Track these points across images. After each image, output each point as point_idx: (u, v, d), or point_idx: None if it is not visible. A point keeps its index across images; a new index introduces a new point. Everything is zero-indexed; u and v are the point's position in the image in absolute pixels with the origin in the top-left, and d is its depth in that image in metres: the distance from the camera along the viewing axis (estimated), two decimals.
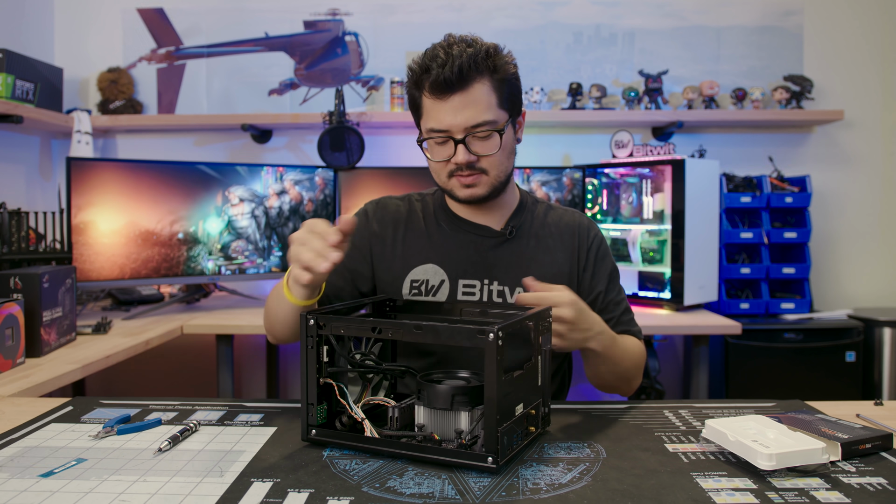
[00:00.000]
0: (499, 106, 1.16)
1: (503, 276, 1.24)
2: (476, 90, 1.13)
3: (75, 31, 2.89)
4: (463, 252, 1.25)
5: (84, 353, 1.63)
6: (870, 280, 2.88)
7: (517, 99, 1.20)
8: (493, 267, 1.24)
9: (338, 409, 0.94)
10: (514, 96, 1.19)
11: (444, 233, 1.27)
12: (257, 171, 2.47)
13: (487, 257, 1.25)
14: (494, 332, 0.79)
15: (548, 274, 1.24)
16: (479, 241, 1.26)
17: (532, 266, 1.25)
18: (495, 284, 1.23)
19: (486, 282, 1.24)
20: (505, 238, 1.26)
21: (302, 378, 0.90)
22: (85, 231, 2.14)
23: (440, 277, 1.23)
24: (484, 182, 1.19)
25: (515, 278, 1.23)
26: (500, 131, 1.16)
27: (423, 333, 0.85)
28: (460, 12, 2.86)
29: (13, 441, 0.93)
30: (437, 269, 1.24)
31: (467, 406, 0.87)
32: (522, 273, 1.21)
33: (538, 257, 1.26)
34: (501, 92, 1.16)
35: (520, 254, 1.26)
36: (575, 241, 1.29)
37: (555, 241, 1.28)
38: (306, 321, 0.89)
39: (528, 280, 1.08)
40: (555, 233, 1.29)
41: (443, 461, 0.84)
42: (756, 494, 0.75)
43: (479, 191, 1.19)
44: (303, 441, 0.91)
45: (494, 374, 0.79)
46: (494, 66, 1.14)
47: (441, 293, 1.23)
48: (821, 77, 2.82)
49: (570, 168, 2.56)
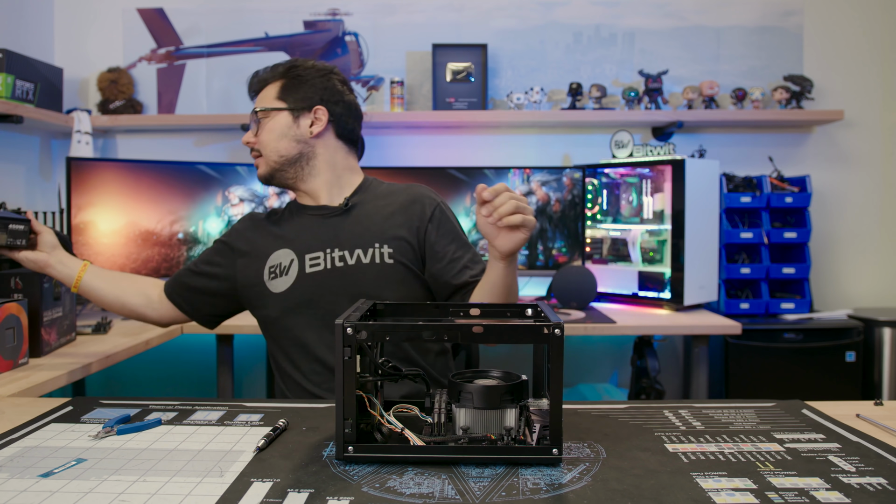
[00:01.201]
0: (276, 97, 1.42)
1: (343, 243, 1.38)
2: (265, 90, 1.45)
3: (75, 31, 2.89)
4: (307, 231, 1.42)
5: (84, 353, 1.63)
6: (870, 280, 2.88)
7: (303, 95, 1.42)
8: (335, 237, 1.39)
9: (364, 421, 0.89)
10: (297, 92, 1.42)
11: (291, 222, 1.46)
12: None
13: (328, 230, 1.41)
14: (560, 328, 0.82)
15: (386, 235, 1.38)
16: (319, 219, 1.43)
17: (371, 230, 1.39)
18: (336, 251, 1.38)
19: (328, 251, 1.38)
20: (342, 210, 1.42)
21: (337, 391, 0.84)
22: (85, 231, 2.14)
23: (290, 258, 1.40)
24: (261, 163, 1.44)
25: (354, 242, 1.38)
26: (258, 112, 1.41)
27: (484, 334, 0.84)
28: (460, 12, 2.86)
29: (13, 441, 0.93)
30: (287, 252, 1.41)
31: (513, 403, 0.87)
32: (361, 236, 1.38)
33: (377, 222, 1.40)
34: (285, 88, 1.42)
35: (358, 222, 1.41)
36: (416, 208, 1.41)
37: (394, 209, 1.42)
38: (343, 330, 0.83)
39: (480, 187, 1.16)
40: (394, 203, 1.43)
41: (508, 459, 0.84)
42: (756, 494, 0.75)
43: (259, 171, 1.45)
44: (336, 460, 0.85)
45: (560, 368, 0.82)
46: (285, 70, 1.44)
47: (291, 271, 1.39)
48: (821, 77, 2.82)
49: (570, 168, 2.57)
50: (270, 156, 1.42)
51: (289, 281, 1.38)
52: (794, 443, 0.92)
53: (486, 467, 0.83)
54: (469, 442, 0.84)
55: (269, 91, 1.44)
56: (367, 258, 1.37)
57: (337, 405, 0.84)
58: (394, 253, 1.37)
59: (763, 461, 0.85)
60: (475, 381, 0.91)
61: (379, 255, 1.37)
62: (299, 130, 1.42)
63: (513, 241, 1.17)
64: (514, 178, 2.53)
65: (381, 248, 1.37)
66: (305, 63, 1.45)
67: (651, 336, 2.52)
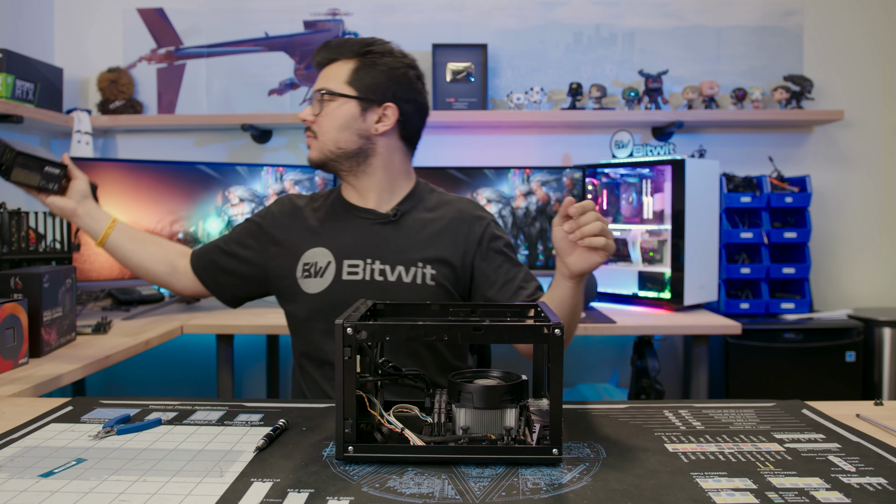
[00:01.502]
0: (346, 82, 1.32)
1: (385, 256, 1.32)
2: (335, 65, 1.33)
3: (75, 31, 2.89)
4: (349, 234, 1.35)
5: (84, 353, 1.63)
6: (870, 280, 2.88)
7: (376, 87, 1.32)
8: (377, 247, 1.33)
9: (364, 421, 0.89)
10: (371, 83, 1.32)
11: (334, 218, 1.38)
12: (257, 171, 2.47)
13: (372, 238, 1.34)
14: (560, 327, 0.82)
15: (430, 256, 1.32)
16: (364, 223, 1.36)
17: (415, 248, 1.32)
18: (377, 263, 1.31)
19: (368, 261, 1.32)
20: (390, 220, 1.35)
21: (337, 391, 0.84)
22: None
23: (327, 259, 1.33)
24: (315, 146, 1.35)
25: (396, 258, 1.32)
26: (324, 94, 1.31)
27: (484, 334, 0.84)
28: (460, 12, 2.86)
29: (13, 441, 0.93)
30: (326, 252, 1.34)
31: (513, 403, 0.87)
32: (405, 253, 1.32)
33: (423, 239, 1.33)
34: (358, 73, 1.32)
35: (404, 236, 1.34)
36: (464, 229, 1.36)
37: (442, 226, 1.35)
38: (343, 330, 0.83)
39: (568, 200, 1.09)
40: (442, 219, 1.36)
41: (508, 459, 0.84)
42: (756, 494, 0.75)
43: (311, 153, 1.37)
44: (336, 460, 0.85)
45: (560, 368, 0.82)
46: (361, 50, 1.32)
47: (328, 274, 1.32)
48: (821, 77, 2.82)
49: (570, 168, 2.56)
50: (327, 144, 1.34)
51: (323, 284, 1.32)
52: (794, 443, 0.92)
53: (486, 467, 0.83)
54: (469, 442, 0.85)
55: (338, 70, 1.33)
56: (408, 277, 1.31)
57: (337, 405, 0.84)
58: (436, 275, 1.31)
59: (763, 461, 0.85)
60: (475, 381, 0.91)
61: (421, 275, 1.31)
62: (364, 125, 1.33)
63: (588, 263, 1.10)
64: (514, 178, 2.53)
65: (424, 268, 1.31)
66: (383, 46, 1.34)
67: (651, 336, 2.52)
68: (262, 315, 2.26)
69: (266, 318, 2.22)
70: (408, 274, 1.30)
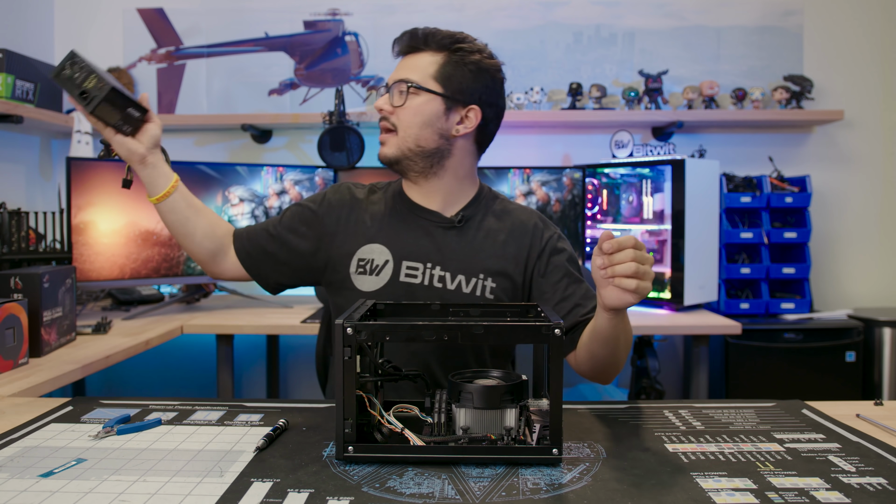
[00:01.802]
0: (433, 77, 1.24)
1: (446, 263, 1.27)
2: (422, 56, 1.26)
3: (75, 32, 2.89)
4: (410, 235, 1.29)
5: (84, 353, 1.63)
6: (870, 280, 2.87)
7: (464, 88, 1.25)
8: (439, 252, 1.27)
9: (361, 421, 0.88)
10: (460, 82, 1.25)
11: (395, 216, 1.31)
12: (257, 171, 2.47)
13: (434, 242, 1.28)
14: (559, 328, 0.82)
15: (492, 268, 1.27)
16: (427, 225, 1.30)
17: (478, 257, 1.28)
18: (437, 269, 1.26)
19: (428, 265, 1.27)
20: (454, 225, 1.29)
21: (337, 391, 0.84)
22: (85, 231, 2.14)
23: (385, 258, 1.27)
24: (392, 142, 1.26)
25: (458, 266, 1.26)
26: (410, 87, 1.23)
27: (484, 334, 0.84)
28: (460, 12, 2.86)
29: (13, 441, 0.93)
30: (384, 250, 1.28)
31: (513, 403, 0.87)
32: (467, 262, 1.26)
33: (486, 249, 1.29)
34: (446, 69, 1.24)
35: (467, 243, 1.29)
36: (526, 242, 1.30)
37: (505, 237, 1.30)
38: (343, 330, 0.83)
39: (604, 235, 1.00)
40: (507, 229, 1.31)
41: (508, 459, 0.84)
42: (756, 494, 0.75)
43: (386, 150, 1.27)
44: (336, 460, 0.85)
45: (560, 367, 0.82)
46: (451, 45, 1.25)
47: (384, 273, 1.27)
48: (821, 77, 2.82)
49: (570, 168, 2.56)
50: (407, 141, 1.25)
51: (379, 283, 1.26)
52: (794, 443, 0.92)
53: (486, 467, 0.83)
54: (469, 442, 0.85)
55: (424, 62, 1.25)
56: (468, 288, 1.26)
57: (337, 405, 0.84)
58: (495, 288, 1.26)
59: (763, 461, 0.85)
60: (475, 381, 0.91)
61: (481, 287, 1.26)
62: (446, 125, 1.26)
63: (619, 301, 1.00)
64: (514, 178, 2.53)
65: (485, 280, 1.26)
66: (473, 45, 1.27)
67: (651, 336, 2.52)
68: (262, 315, 2.26)
69: (266, 318, 2.22)
70: (468, 284, 1.26)
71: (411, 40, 1.26)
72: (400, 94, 1.24)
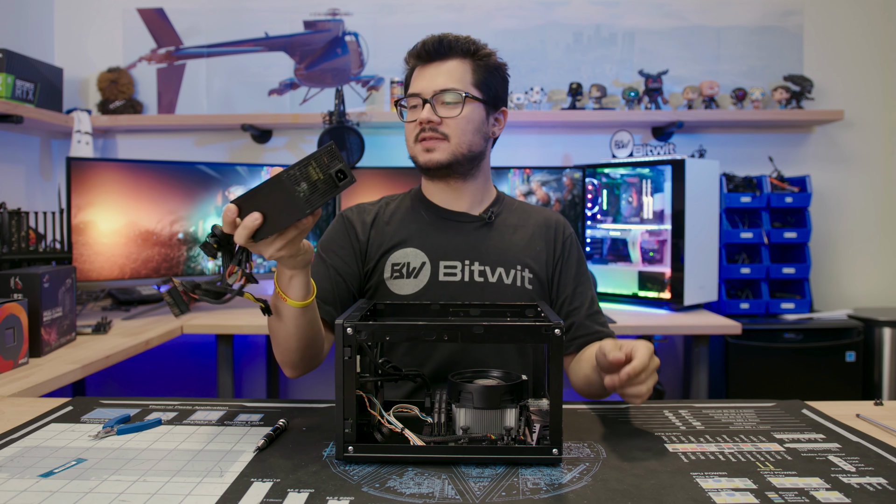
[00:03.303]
0: (473, 84, 1.27)
1: (485, 258, 1.29)
2: (452, 64, 1.27)
3: (75, 31, 2.89)
4: (443, 236, 1.30)
5: (84, 353, 1.63)
6: (870, 280, 2.88)
7: (497, 92, 1.30)
8: (475, 248, 1.29)
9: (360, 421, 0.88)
10: (494, 88, 1.29)
11: (422, 220, 1.33)
12: (257, 171, 2.47)
13: (468, 240, 1.30)
14: (559, 328, 0.82)
15: (526, 261, 1.30)
16: (458, 225, 1.32)
17: (512, 251, 1.31)
18: (476, 265, 1.28)
19: (467, 262, 1.28)
20: (484, 222, 1.33)
21: (337, 391, 0.84)
22: (85, 231, 2.14)
23: (420, 260, 1.28)
24: (444, 148, 1.26)
25: (496, 259, 1.29)
26: (465, 97, 1.24)
27: (484, 334, 0.84)
28: (460, 12, 2.86)
29: (13, 441, 0.93)
30: (418, 252, 1.29)
31: (513, 403, 0.88)
32: (503, 255, 1.29)
33: (517, 243, 1.32)
34: (478, 75, 1.27)
35: (499, 238, 1.32)
36: (551, 234, 1.35)
37: (532, 230, 1.35)
38: (343, 330, 0.84)
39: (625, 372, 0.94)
40: (531, 223, 1.36)
41: (508, 459, 0.84)
42: (756, 494, 0.75)
43: (437, 155, 1.26)
44: (336, 460, 0.85)
45: (560, 367, 0.83)
46: (475, 52, 1.27)
47: (422, 275, 1.27)
48: (821, 77, 2.82)
49: (570, 168, 2.56)
50: (461, 146, 1.26)
51: (418, 285, 1.26)
52: (794, 443, 0.92)
53: (486, 467, 0.83)
54: (469, 442, 0.85)
55: (458, 70, 1.26)
56: (508, 279, 1.28)
57: (337, 405, 0.84)
58: (532, 279, 1.30)
59: (763, 461, 0.85)
60: (475, 381, 0.91)
61: (521, 278, 1.28)
62: (488, 128, 1.31)
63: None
64: (514, 177, 2.53)
65: (523, 271, 1.29)
66: (486, 49, 1.30)
67: (651, 336, 2.52)
68: (262, 315, 2.26)
69: (266, 318, 2.21)
70: (508, 275, 1.28)
71: (441, 47, 1.26)
72: (446, 105, 1.25)
